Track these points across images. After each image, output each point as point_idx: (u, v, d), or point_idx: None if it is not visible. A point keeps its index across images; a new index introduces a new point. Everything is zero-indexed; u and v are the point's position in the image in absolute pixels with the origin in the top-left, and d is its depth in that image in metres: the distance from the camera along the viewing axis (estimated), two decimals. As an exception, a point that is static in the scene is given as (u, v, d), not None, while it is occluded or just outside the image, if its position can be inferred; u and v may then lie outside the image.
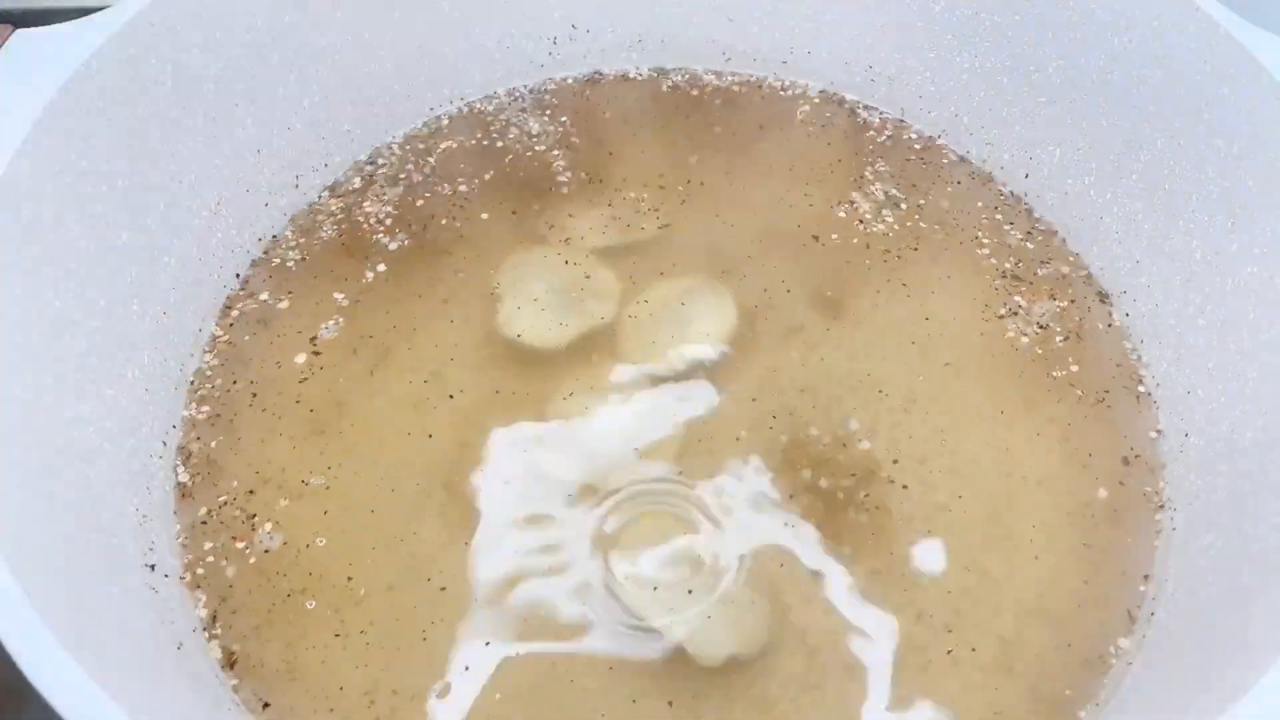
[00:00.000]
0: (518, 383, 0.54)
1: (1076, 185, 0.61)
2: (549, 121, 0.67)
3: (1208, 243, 0.53)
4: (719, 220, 0.62)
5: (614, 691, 0.45)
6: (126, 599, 0.44)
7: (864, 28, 0.67)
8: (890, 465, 0.52)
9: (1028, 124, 0.63)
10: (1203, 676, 0.41)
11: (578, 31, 0.69)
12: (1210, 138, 0.52)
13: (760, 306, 0.58)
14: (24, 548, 0.38)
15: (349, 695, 0.45)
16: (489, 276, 0.59)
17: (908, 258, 0.60)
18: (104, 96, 0.49)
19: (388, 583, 0.48)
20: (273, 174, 0.60)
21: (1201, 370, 0.52)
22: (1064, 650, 0.47)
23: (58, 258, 0.47)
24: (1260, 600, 0.42)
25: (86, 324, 0.48)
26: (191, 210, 0.55)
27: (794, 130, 0.67)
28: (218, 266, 0.58)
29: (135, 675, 0.39)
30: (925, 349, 0.56)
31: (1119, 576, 0.49)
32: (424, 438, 0.52)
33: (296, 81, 0.60)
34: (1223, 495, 0.48)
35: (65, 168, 0.48)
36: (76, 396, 0.46)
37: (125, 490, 0.48)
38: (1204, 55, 0.52)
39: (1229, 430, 0.49)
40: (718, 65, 0.70)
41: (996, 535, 0.50)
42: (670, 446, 0.52)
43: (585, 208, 0.62)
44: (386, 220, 0.62)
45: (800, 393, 0.54)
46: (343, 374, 0.55)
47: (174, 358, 0.54)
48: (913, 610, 0.48)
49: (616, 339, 0.56)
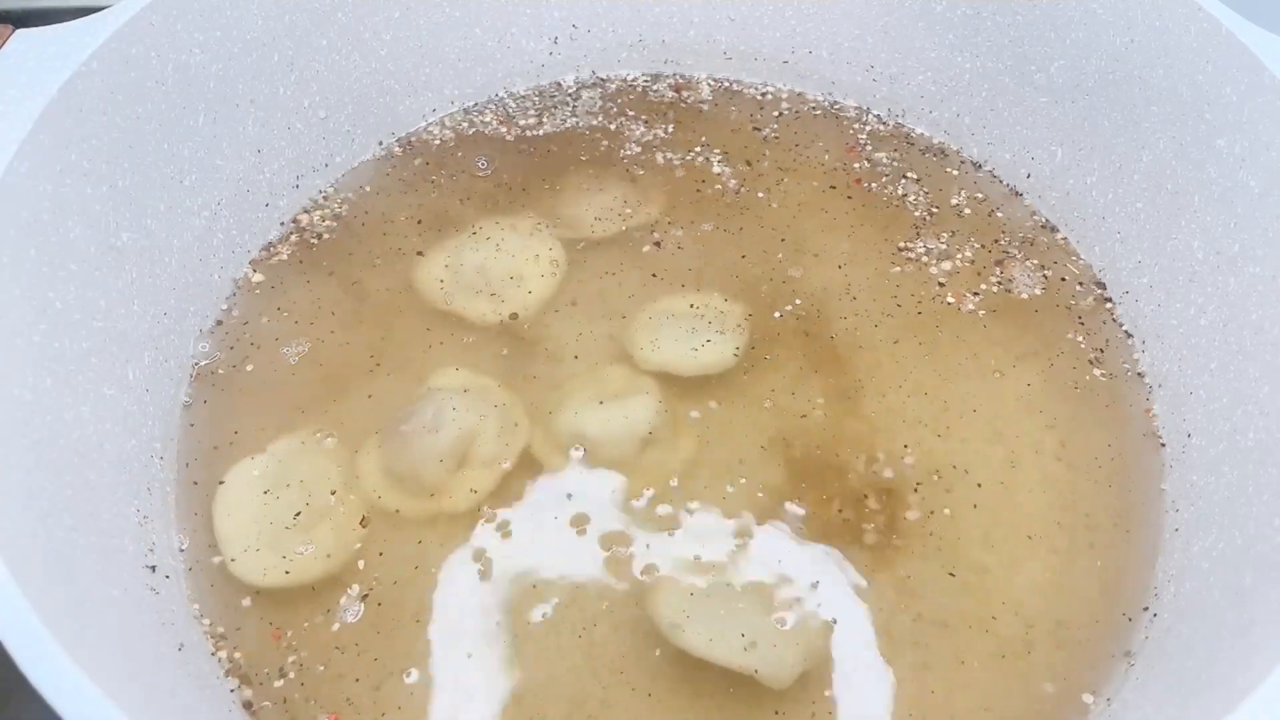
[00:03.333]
0: (537, 381, 0.54)
1: (1078, 185, 0.61)
2: (553, 121, 0.67)
3: (1210, 243, 0.53)
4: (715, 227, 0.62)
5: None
6: (126, 600, 0.43)
7: (865, 28, 0.67)
8: (892, 460, 0.52)
9: (1029, 124, 0.63)
10: (1205, 677, 0.41)
11: (578, 31, 0.69)
12: (1212, 137, 0.52)
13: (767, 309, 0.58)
14: (24, 548, 0.38)
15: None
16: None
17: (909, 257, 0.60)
18: (104, 96, 0.49)
19: (393, 578, 0.48)
20: (273, 174, 0.60)
21: (1204, 371, 0.52)
22: (1065, 650, 0.47)
23: (58, 258, 0.47)
24: (1262, 601, 0.41)
25: (86, 324, 0.48)
26: (191, 210, 0.55)
27: (794, 130, 0.67)
28: (218, 266, 0.58)
29: (135, 676, 0.39)
30: (926, 349, 0.56)
31: (1121, 577, 0.49)
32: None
33: (296, 81, 0.60)
34: (1225, 496, 0.48)
35: (65, 168, 0.47)
36: (76, 396, 0.46)
37: (125, 490, 0.48)
38: (1206, 55, 0.52)
39: (1231, 431, 0.49)
40: (718, 65, 0.70)
41: (997, 536, 0.50)
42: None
43: (586, 207, 0.62)
44: (387, 221, 0.62)
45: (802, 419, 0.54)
46: (343, 374, 0.55)
47: (174, 358, 0.54)
48: (913, 611, 0.48)
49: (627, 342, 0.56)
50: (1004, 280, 0.60)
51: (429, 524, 0.50)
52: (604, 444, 0.51)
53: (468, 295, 0.57)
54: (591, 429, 0.51)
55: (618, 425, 0.51)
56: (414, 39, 0.64)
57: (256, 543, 0.49)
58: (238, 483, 0.51)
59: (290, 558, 0.48)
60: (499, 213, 0.62)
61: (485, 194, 0.63)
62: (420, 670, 0.46)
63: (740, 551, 0.49)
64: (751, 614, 0.46)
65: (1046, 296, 0.59)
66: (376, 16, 0.62)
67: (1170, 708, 0.42)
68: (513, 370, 0.55)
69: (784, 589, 0.48)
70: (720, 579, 0.48)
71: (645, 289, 0.58)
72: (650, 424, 0.51)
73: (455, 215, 0.62)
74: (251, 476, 0.51)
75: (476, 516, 0.50)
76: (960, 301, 0.58)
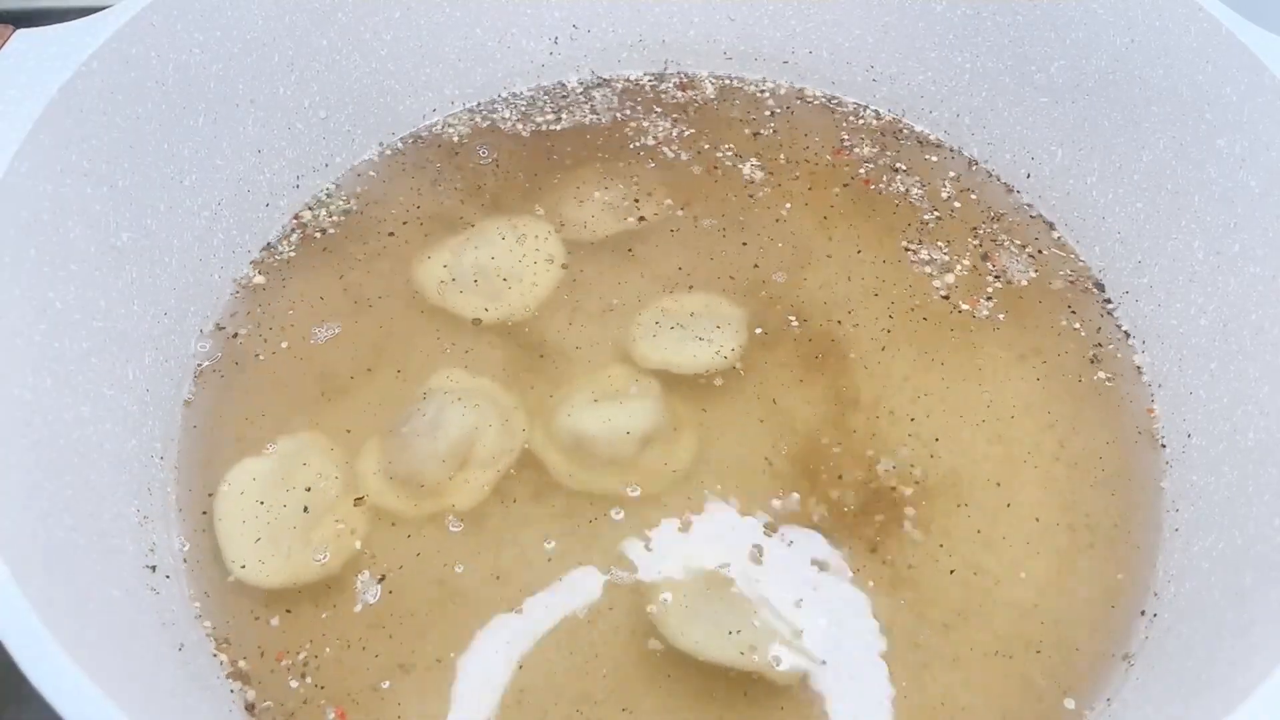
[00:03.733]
0: (537, 380, 0.54)
1: (1078, 185, 0.61)
2: (554, 121, 0.67)
3: (1210, 243, 0.53)
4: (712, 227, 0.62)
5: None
6: (127, 600, 0.43)
7: (865, 28, 0.67)
8: (892, 460, 0.52)
9: (1029, 124, 0.63)
10: (1205, 677, 0.41)
11: (578, 31, 0.69)
12: (1212, 138, 0.52)
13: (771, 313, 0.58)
14: (24, 548, 0.38)
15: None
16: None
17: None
18: (104, 96, 0.49)
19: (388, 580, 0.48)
20: (273, 174, 0.60)
21: (1204, 371, 0.52)
22: (1066, 651, 0.47)
23: (58, 258, 0.47)
24: (1262, 601, 0.41)
25: (86, 324, 0.48)
26: (191, 210, 0.55)
27: (796, 130, 0.67)
28: (218, 266, 0.58)
29: (135, 676, 0.39)
30: (926, 349, 0.56)
31: (1121, 577, 0.49)
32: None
33: (296, 81, 0.60)
34: (1225, 496, 0.48)
35: (65, 168, 0.47)
36: (76, 396, 0.46)
37: (125, 490, 0.48)
38: (1206, 55, 0.52)
39: (1231, 431, 0.49)
40: (719, 66, 0.70)
41: (998, 536, 0.50)
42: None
43: (587, 207, 0.62)
44: (387, 221, 0.62)
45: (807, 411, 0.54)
46: (343, 374, 0.55)
47: (174, 358, 0.54)
48: (914, 611, 0.48)
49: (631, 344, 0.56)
50: (1003, 281, 0.60)
51: (430, 525, 0.50)
52: (603, 443, 0.51)
53: (468, 295, 0.57)
54: (591, 428, 0.51)
55: (617, 424, 0.51)
56: (414, 39, 0.64)
57: (257, 543, 0.49)
58: (238, 483, 0.50)
59: (291, 558, 0.48)
60: (500, 212, 0.62)
61: (486, 194, 0.63)
62: (421, 670, 0.46)
63: (740, 552, 0.49)
64: (751, 614, 0.46)
65: (1046, 297, 0.59)
66: (376, 16, 0.62)
67: (1170, 708, 0.42)
68: (513, 370, 0.55)
69: (783, 589, 0.48)
70: (719, 579, 0.48)
71: (646, 288, 0.58)
72: (650, 423, 0.51)
73: (456, 215, 0.62)
74: (252, 477, 0.51)
75: (477, 517, 0.50)
76: (960, 302, 0.58)
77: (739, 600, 0.47)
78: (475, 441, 0.51)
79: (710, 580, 0.48)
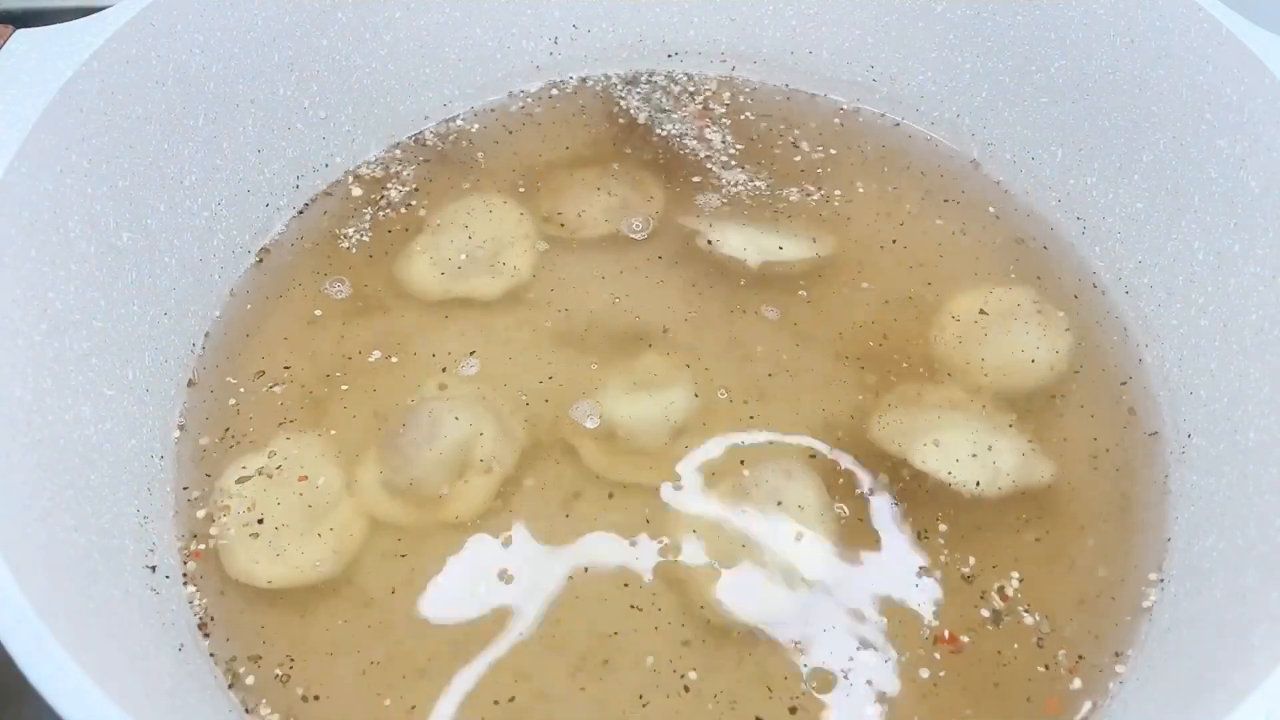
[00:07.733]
0: (563, 369, 0.55)
1: (1079, 185, 0.61)
2: (554, 120, 0.67)
3: (1210, 243, 0.53)
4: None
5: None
6: (127, 600, 0.44)
7: (865, 28, 0.67)
8: (904, 457, 0.52)
9: (1030, 124, 0.63)
10: (1206, 678, 0.41)
11: (578, 31, 0.69)
12: (1213, 138, 0.52)
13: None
14: (24, 548, 0.38)
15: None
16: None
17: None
18: (104, 96, 0.49)
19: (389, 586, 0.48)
20: (273, 174, 0.60)
21: (1204, 371, 0.52)
22: (1065, 650, 0.47)
23: (58, 258, 0.47)
24: (1263, 601, 0.41)
25: (87, 324, 0.48)
26: (191, 210, 0.55)
27: (797, 130, 0.67)
28: (218, 266, 0.58)
29: (135, 677, 0.39)
30: (928, 347, 0.56)
31: (1122, 577, 0.49)
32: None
33: (296, 81, 0.60)
34: (1225, 496, 0.48)
35: (65, 168, 0.48)
36: (76, 397, 0.46)
37: (125, 491, 0.48)
38: (1206, 55, 0.52)
39: (1231, 431, 0.49)
40: (719, 66, 0.70)
41: (996, 535, 0.50)
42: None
43: (588, 206, 0.62)
44: (387, 220, 0.62)
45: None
46: (343, 374, 0.55)
47: (174, 358, 0.54)
48: (912, 609, 0.48)
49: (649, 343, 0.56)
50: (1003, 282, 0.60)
51: (430, 526, 0.50)
52: (634, 433, 0.52)
53: (468, 291, 0.58)
54: (620, 413, 0.52)
55: (648, 412, 0.52)
56: (414, 39, 0.64)
57: (257, 544, 0.49)
58: (238, 484, 0.50)
59: (291, 559, 0.48)
60: (500, 212, 0.62)
61: (486, 193, 0.63)
62: (421, 672, 0.46)
63: (770, 540, 0.49)
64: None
65: (1045, 297, 0.59)
66: (377, 16, 0.62)
67: (1170, 708, 0.42)
68: (513, 369, 0.55)
69: (808, 574, 0.48)
70: (750, 569, 0.48)
71: (648, 289, 0.58)
72: (680, 412, 0.52)
73: (456, 214, 0.61)
74: (252, 477, 0.51)
75: (478, 518, 0.50)
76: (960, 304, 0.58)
77: (773, 594, 0.47)
78: (475, 443, 0.51)
79: (737, 571, 0.48)
